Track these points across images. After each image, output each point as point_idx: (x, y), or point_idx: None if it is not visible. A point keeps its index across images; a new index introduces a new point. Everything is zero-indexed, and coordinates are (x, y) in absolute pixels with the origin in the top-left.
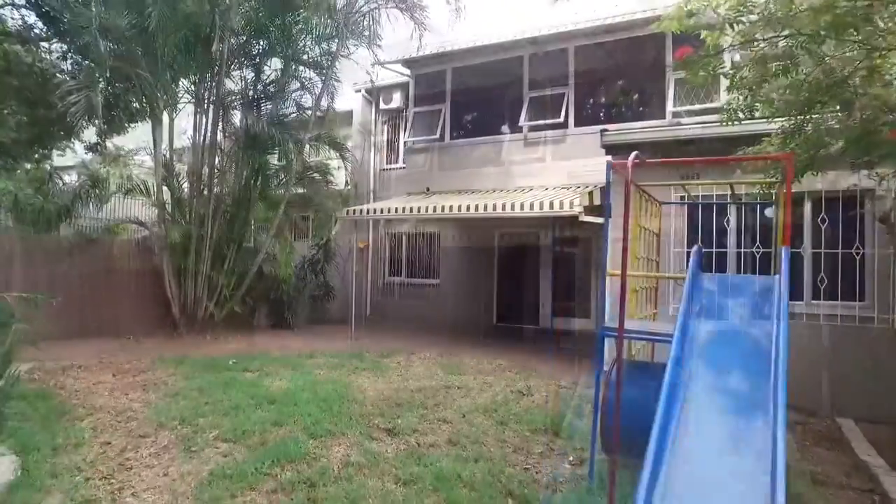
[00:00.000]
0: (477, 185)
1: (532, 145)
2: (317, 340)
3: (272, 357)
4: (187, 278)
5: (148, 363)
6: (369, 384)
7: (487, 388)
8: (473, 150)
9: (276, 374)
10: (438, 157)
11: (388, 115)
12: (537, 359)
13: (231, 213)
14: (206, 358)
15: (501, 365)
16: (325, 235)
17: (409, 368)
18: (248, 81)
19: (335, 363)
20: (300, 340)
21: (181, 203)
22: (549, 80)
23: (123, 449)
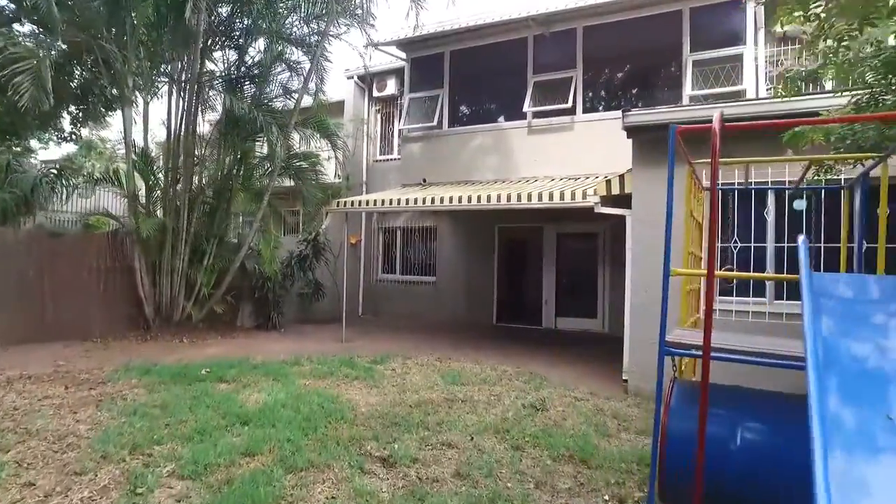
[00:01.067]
0: (476, 175)
1: (537, 133)
2: (304, 342)
3: (252, 364)
4: (162, 275)
5: (110, 372)
6: (361, 397)
7: (495, 401)
8: (473, 139)
9: (255, 384)
10: (436, 145)
11: (381, 103)
12: (545, 364)
13: (212, 206)
14: (177, 365)
15: (507, 372)
16: (314, 230)
17: (406, 376)
18: (231, 62)
19: (323, 371)
20: (286, 343)
21: (156, 193)
22: (556, 63)
23: (49, 493)
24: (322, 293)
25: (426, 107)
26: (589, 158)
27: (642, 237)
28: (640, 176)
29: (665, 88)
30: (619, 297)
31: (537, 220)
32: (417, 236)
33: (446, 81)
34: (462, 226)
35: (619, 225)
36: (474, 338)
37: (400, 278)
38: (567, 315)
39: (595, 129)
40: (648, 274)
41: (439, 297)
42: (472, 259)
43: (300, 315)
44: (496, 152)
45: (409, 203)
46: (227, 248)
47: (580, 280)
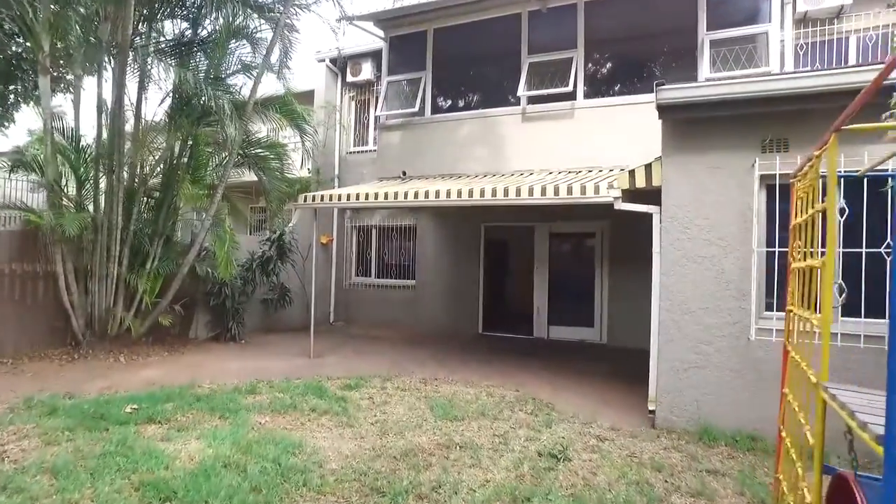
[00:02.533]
0: (463, 168)
1: (532, 120)
2: (266, 359)
3: (197, 394)
4: (93, 282)
5: (4, 409)
6: (331, 443)
7: (502, 445)
8: (459, 127)
9: (194, 426)
10: (417, 135)
11: (356, 89)
12: (547, 385)
13: (157, 200)
14: (97, 398)
15: (506, 397)
16: (279, 228)
17: (387, 407)
18: (183, 32)
19: (284, 402)
20: (244, 359)
21: (85, 184)
22: (554, 42)
23: None
24: (289, 299)
25: (406, 92)
26: (591, 150)
27: (677, 240)
28: (674, 166)
29: (678, 71)
30: (619, 305)
31: (528, 219)
32: (395, 236)
33: (429, 63)
34: (444, 224)
35: (621, 224)
36: (460, 350)
37: (376, 282)
38: (561, 324)
39: (599, 116)
40: (687, 286)
41: (419, 303)
42: (456, 261)
43: (264, 324)
44: (485, 142)
45: (388, 198)
46: (177, 249)
47: (575, 285)
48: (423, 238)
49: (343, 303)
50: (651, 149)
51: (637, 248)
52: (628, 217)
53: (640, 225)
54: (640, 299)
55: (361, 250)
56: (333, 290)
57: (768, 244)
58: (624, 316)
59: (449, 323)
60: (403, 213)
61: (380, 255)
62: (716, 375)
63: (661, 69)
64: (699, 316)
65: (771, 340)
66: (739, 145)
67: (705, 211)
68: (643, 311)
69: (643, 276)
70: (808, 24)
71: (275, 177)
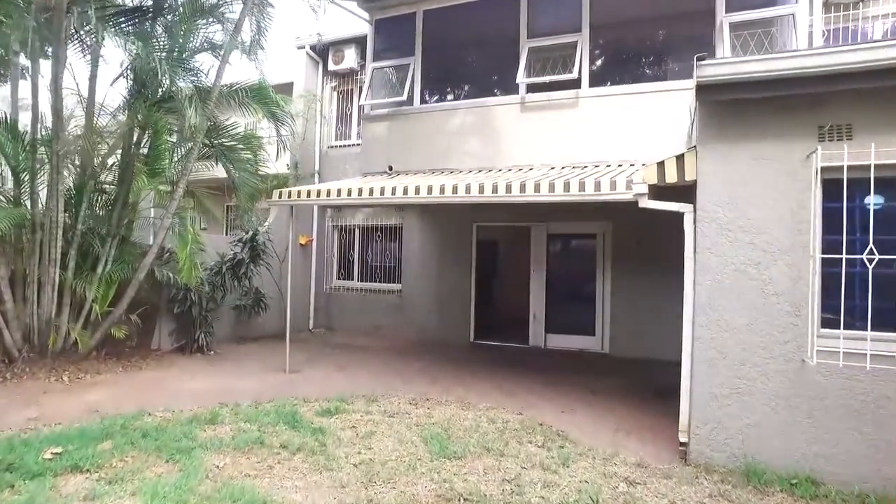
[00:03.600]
0: (455, 163)
1: (532, 111)
2: (235, 375)
3: (144, 426)
4: (32, 289)
5: None
6: (304, 497)
7: (516, 496)
8: (451, 118)
9: (133, 475)
10: (405, 126)
11: (338, 79)
12: (554, 405)
13: (111, 196)
14: (11, 438)
15: (510, 423)
16: (252, 227)
17: (372, 440)
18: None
19: (250, 436)
20: (209, 376)
21: (21, 176)
22: (557, 25)
23: None
24: (264, 305)
25: (393, 79)
26: (597, 143)
27: (716, 244)
28: (713, 157)
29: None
30: (623, 312)
31: (524, 219)
32: (379, 236)
33: (418, 48)
34: (433, 224)
35: (626, 225)
36: (451, 362)
37: (359, 286)
38: (559, 332)
39: (606, 107)
40: (727, 298)
41: (406, 308)
42: (446, 264)
43: (237, 332)
44: (480, 135)
45: (373, 194)
46: (135, 252)
47: (575, 290)
48: (409, 239)
49: (324, 308)
50: (665, 143)
51: (646, 251)
52: (634, 217)
53: (650, 226)
54: (646, 306)
55: (343, 252)
56: (313, 295)
57: (826, 250)
58: (628, 324)
59: (438, 330)
60: (389, 212)
61: (363, 257)
62: (763, 404)
63: (676, 55)
64: (742, 334)
65: (837, 365)
66: (793, 132)
67: (749, 210)
68: (649, 319)
69: (651, 281)
70: (829, 8)
71: (244, 169)
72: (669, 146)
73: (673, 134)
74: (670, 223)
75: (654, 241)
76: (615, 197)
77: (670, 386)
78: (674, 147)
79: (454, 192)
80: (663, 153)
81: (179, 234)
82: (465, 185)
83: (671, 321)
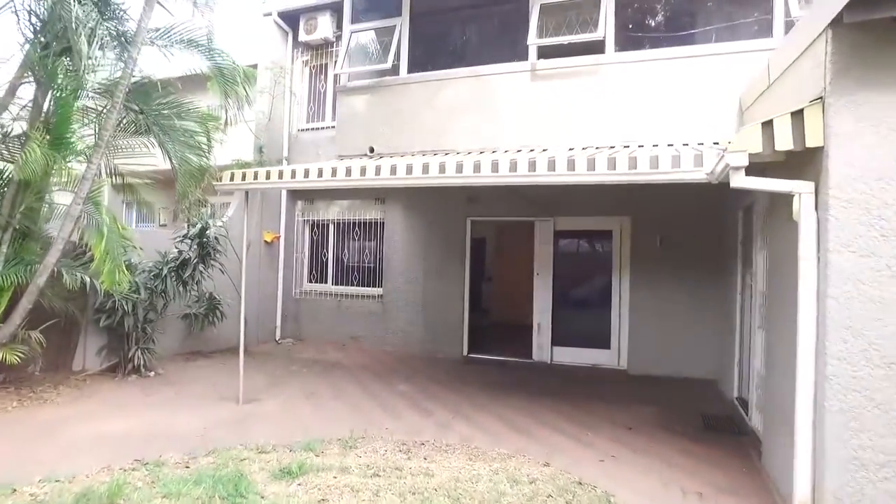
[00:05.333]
0: (449, 142)
1: (544, 79)
2: (173, 408)
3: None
4: None
5: None
6: None
7: None
8: (445, 90)
9: None
10: (389, 99)
11: (311, 52)
12: (585, 447)
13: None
14: None
15: (539, 486)
16: (201, 220)
17: None
18: None
19: None
20: (138, 412)
21: None
22: None
23: None
24: (220, 313)
25: (376, 45)
26: (623, 120)
27: (859, 238)
28: (854, 112)
29: (745, 14)
30: (644, 322)
31: (526, 212)
32: (358, 233)
33: (406, 6)
34: (420, 218)
35: (647, 219)
36: (444, 384)
37: (333, 290)
38: (567, 344)
39: (635, 75)
40: (882, 319)
41: (388, 316)
42: (435, 265)
43: (188, 346)
44: (480, 109)
45: (350, 175)
46: (36, 250)
47: (586, 296)
48: (392, 236)
49: (293, 316)
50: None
51: (671, 251)
52: (656, 211)
53: (675, 221)
54: (671, 316)
55: (316, 251)
56: (281, 301)
57: None
58: (649, 336)
59: (425, 342)
60: (368, 205)
61: (339, 257)
62: None
63: (723, 13)
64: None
65: None
66: None
67: None
68: (674, 330)
69: (676, 286)
70: None
71: (182, 142)
72: (715, 127)
73: (720, 111)
74: (701, 217)
75: (681, 239)
76: (691, 177)
77: (719, 416)
78: (722, 129)
79: (458, 171)
80: (709, 135)
81: (96, 224)
82: (473, 164)
83: (701, 333)
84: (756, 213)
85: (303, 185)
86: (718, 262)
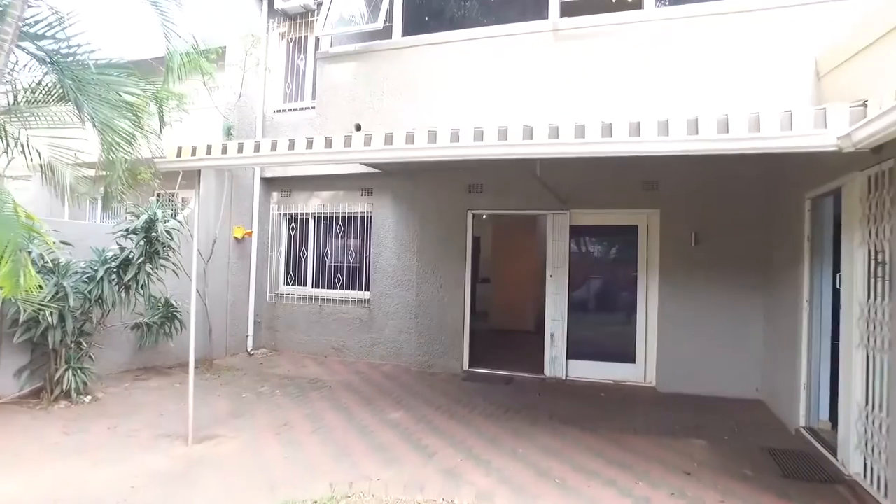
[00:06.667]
0: (453, 118)
1: (568, 40)
2: (93, 456)
3: None
4: None
5: None
6: None
7: None
8: (446, 56)
9: None
10: (379, 68)
11: (288, 22)
12: (644, 499)
13: None
14: None
15: None
16: (148, 210)
17: None
18: None
19: None
20: (40, 464)
21: None
22: None
23: None
24: (177, 321)
25: (364, 5)
26: (670, 89)
27: None
28: None
29: None
30: (675, 332)
31: (538, 204)
32: (342, 228)
33: None
34: (413, 211)
35: (680, 213)
36: (446, 410)
37: (313, 294)
38: (585, 356)
39: (681, 34)
40: None
41: (376, 324)
42: (431, 265)
43: (140, 361)
44: (490, 79)
45: (331, 146)
46: None
47: (607, 302)
48: (382, 231)
49: (267, 323)
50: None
51: (708, 251)
52: (693, 203)
53: (715, 215)
54: (707, 325)
55: (294, 249)
56: (253, 306)
57: None
58: (682, 348)
59: (420, 354)
60: (353, 197)
61: (320, 256)
62: None
63: None
64: None
65: None
66: None
67: None
68: (712, 342)
69: (715, 292)
70: None
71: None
72: (782, 99)
73: (789, 79)
74: (746, 209)
75: (719, 235)
76: (810, 143)
77: (791, 454)
78: (792, 101)
79: (478, 138)
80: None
81: None
82: (499, 131)
83: (743, 346)
84: (851, 201)
85: (272, 160)
86: (768, 263)
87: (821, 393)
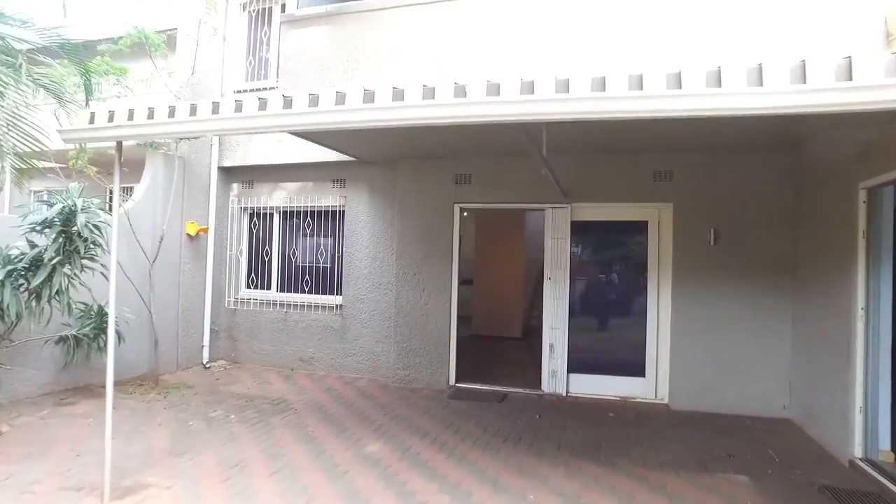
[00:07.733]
0: None
1: None
2: None
3: None
4: None
5: None
6: None
7: None
8: (435, 14)
9: None
10: (355, 32)
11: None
12: None
13: None
14: None
15: None
16: (67, 199)
17: None
18: None
19: None
20: None
21: None
22: None
23: None
24: (117, 335)
25: None
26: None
27: None
28: None
29: None
30: (690, 343)
31: (534, 197)
32: (311, 225)
33: None
34: (393, 205)
35: (697, 206)
36: (434, 439)
37: (278, 299)
38: (588, 370)
39: None
40: None
41: (349, 334)
42: (412, 266)
43: (68, 379)
44: (491, 41)
45: (291, 107)
46: None
47: (613, 309)
48: (356, 228)
49: (226, 332)
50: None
51: (731, 250)
52: (713, 195)
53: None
54: (729, 335)
55: (257, 248)
56: (209, 312)
57: None
58: (698, 360)
59: (399, 367)
60: (324, 189)
61: (286, 256)
62: None
63: None
64: None
65: None
66: None
67: None
68: (734, 355)
69: (738, 297)
70: None
71: None
72: None
73: (855, 38)
74: (775, 202)
75: (742, 233)
76: None
77: (852, 494)
78: None
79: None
80: None
81: None
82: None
83: (770, 359)
84: None
85: (218, 126)
86: (799, 265)
87: (879, 418)
